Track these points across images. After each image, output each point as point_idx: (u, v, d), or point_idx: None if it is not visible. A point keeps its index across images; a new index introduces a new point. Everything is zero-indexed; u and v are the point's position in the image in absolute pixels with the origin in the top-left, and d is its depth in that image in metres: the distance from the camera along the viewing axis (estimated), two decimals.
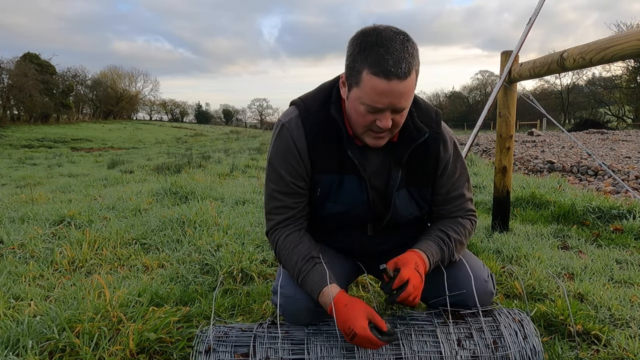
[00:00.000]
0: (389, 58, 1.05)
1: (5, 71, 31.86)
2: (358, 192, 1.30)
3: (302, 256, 1.27)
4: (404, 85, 1.08)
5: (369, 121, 1.15)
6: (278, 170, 1.29)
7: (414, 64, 1.09)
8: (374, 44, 1.07)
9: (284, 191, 1.31)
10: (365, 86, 1.09)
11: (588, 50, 1.87)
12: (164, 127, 45.00)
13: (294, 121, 1.28)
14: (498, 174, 2.94)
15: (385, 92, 1.08)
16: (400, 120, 1.18)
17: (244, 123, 75.97)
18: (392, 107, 1.11)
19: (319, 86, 1.34)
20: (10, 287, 2.01)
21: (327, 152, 1.27)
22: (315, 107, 1.28)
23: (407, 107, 1.16)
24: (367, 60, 1.07)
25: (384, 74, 1.05)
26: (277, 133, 1.30)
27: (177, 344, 1.49)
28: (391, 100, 1.09)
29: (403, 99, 1.11)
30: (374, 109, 1.12)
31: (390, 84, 1.06)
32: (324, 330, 1.28)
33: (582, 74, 41.56)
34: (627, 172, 5.61)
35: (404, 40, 1.08)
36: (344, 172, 1.28)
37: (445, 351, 1.22)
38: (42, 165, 10.95)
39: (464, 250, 1.43)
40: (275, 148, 1.30)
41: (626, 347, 1.48)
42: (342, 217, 1.35)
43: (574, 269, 2.21)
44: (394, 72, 1.05)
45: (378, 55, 1.06)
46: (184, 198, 4.13)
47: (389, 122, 1.14)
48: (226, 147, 15.97)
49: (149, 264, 2.38)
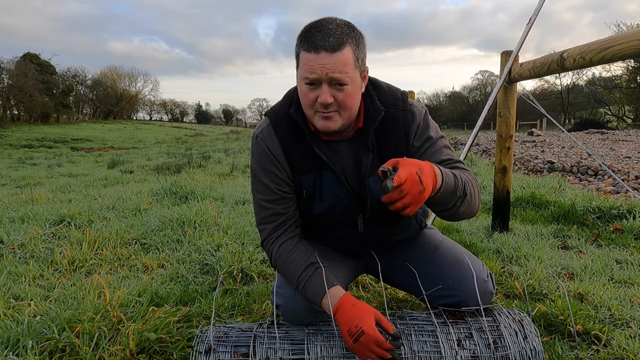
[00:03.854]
0: (317, 34, 1.13)
1: (5, 71, 31.87)
2: (337, 185, 1.31)
3: (299, 264, 1.27)
4: (335, 57, 1.12)
5: (312, 99, 1.18)
6: (261, 179, 1.32)
7: (346, 40, 1.13)
8: (309, 29, 1.15)
9: (271, 199, 1.33)
10: (302, 64, 1.16)
11: (588, 50, 1.87)
12: (164, 127, 44.99)
13: (266, 130, 1.32)
14: (498, 174, 2.94)
15: (315, 62, 1.13)
16: (344, 99, 1.17)
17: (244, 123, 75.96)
18: (326, 78, 1.14)
19: (287, 92, 1.37)
20: (10, 287, 2.01)
21: (301, 153, 1.30)
22: (283, 111, 1.32)
23: (345, 82, 1.15)
24: (302, 42, 1.16)
25: (313, 47, 1.12)
26: (254, 145, 1.34)
27: (177, 344, 1.49)
28: (323, 71, 1.13)
29: (337, 71, 1.13)
30: (309, 81, 1.16)
31: (319, 56, 1.12)
32: (324, 330, 1.28)
33: (582, 74, 41.65)
34: (627, 172, 5.61)
35: (341, 23, 1.16)
36: (321, 168, 1.30)
37: (445, 351, 1.22)
38: (42, 165, 10.95)
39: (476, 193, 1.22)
40: (254, 159, 1.34)
41: (626, 347, 1.48)
42: (330, 214, 1.36)
43: (574, 269, 2.21)
44: (322, 45, 1.12)
45: (310, 34, 1.14)
46: (184, 198, 4.13)
47: (327, 96, 1.15)
48: (226, 147, 15.97)
49: (149, 264, 2.38)
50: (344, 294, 1.19)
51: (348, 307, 1.15)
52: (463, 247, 1.53)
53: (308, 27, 1.16)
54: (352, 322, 1.12)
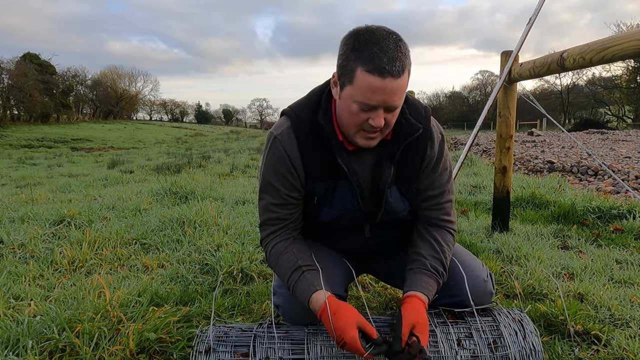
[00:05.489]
0: (382, 56, 1.06)
1: (5, 71, 31.86)
2: (349, 197, 1.30)
3: (287, 267, 1.26)
4: (398, 83, 1.08)
5: (362, 120, 1.14)
6: (272, 182, 1.29)
7: (406, 64, 1.09)
8: (367, 42, 1.08)
9: (278, 203, 1.31)
10: (359, 84, 1.09)
11: (588, 50, 1.87)
12: (164, 127, 44.98)
13: (286, 132, 1.27)
14: (498, 174, 2.94)
15: (379, 89, 1.07)
16: (392, 120, 1.18)
17: (244, 123, 75.95)
18: (385, 105, 1.11)
19: (309, 92, 1.33)
20: (10, 287, 2.01)
21: (320, 160, 1.27)
22: (306, 114, 1.27)
23: (399, 106, 1.16)
24: (360, 58, 1.07)
25: (379, 71, 1.06)
26: (270, 146, 1.29)
27: (177, 344, 1.49)
28: (384, 98, 1.09)
29: (397, 97, 1.11)
30: (367, 106, 1.11)
31: (384, 81, 1.06)
32: (324, 330, 1.28)
33: (582, 74, 41.62)
34: (627, 172, 5.61)
35: (396, 39, 1.09)
36: (337, 178, 1.28)
37: (445, 351, 1.22)
38: (42, 165, 10.95)
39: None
40: (268, 161, 1.29)
41: (626, 347, 1.48)
42: (337, 221, 1.35)
43: (574, 269, 2.21)
44: (388, 70, 1.06)
45: (372, 53, 1.06)
46: (184, 198, 4.13)
47: (381, 120, 1.13)
48: (226, 147, 15.97)
49: (149, 264, 2.38)
50: (322, 303, 1.15)
51: (327, 319, 1.13)
52: (463, 247, 1.53)
53: (364, 41, 1.08)
54: (335, 332, 1.11)
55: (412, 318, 1.16)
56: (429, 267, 1.30)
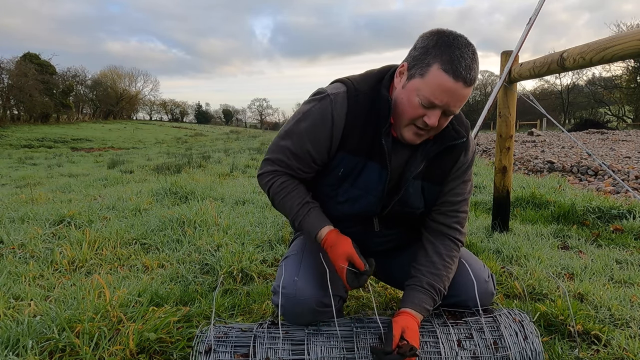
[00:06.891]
0: (462, 61, 1.10)
1: (5, 71, 31.85)
2: (375, 179, 1.29)
3: (298, 201, 1.32)
4: (465, 91, 1.13)
5: (418, 114, 1.16)
6: (302, 134, 1.27)
7: (477, 77, 1.14)
8: (450, 44, 1.11)
9: (297, 153, 1.29)
10: (431, 79, 1.11)
11: (588, 50, 1.87)
12: (164, 127, 45.00)
13: (341, 96, 1.26)
14: (498, 174, 2.94)
15: (448, 90, 1.11)
16: (443, 124, 1.21)
17: (244, 123, 76.01)
18: (446, 107, 1.14)
19: (366, 72, 1.34)
20: (10, 287, 2.01)
21: (362, 134, 1.26)
22: (365, 87, 1.27)
23: (456, 113, 1.19)
24: (441, 56, 1.11)
25: (454, 73, 1.10)
26: (320, 100, 1.26)
27: (177, 344, 1.49)
28: (449, 101, 1.13)
29: (459, 103, 1.15)
30: (429, 103, 1.14)
31: (456, 84, 1.10)
32: (324, 331, 1.28)
33: (582, 74, 41.64)
34: (627, 172, 5.61)
35: (474, 51, 1.14)
36: (370, 158, 1.28)
37: (445, 352, 1.22)
38: (42, 165, 10.95)
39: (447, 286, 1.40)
40: (310, 113, 1.27)
41: (626, 347, 1.48)
42: (352, 204, 1.34)
43: (574, 269, 2.21)
44: (463, 76, 1.10)
45: (453, 55, 1.10)
46: (184, 198, 4.13)
47: (436, 120, 1.16)
48: (226, 147, 15.96)
49: (149, 264, 2.38)
50: (325, 235, 1.29)
51: (326, 248, 1.28)
52: (463, 248, 1.53)
53: (447, 42, 1.12)
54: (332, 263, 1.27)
55: (402, 323, 1.21)
56: (424, 284, 1.31)
